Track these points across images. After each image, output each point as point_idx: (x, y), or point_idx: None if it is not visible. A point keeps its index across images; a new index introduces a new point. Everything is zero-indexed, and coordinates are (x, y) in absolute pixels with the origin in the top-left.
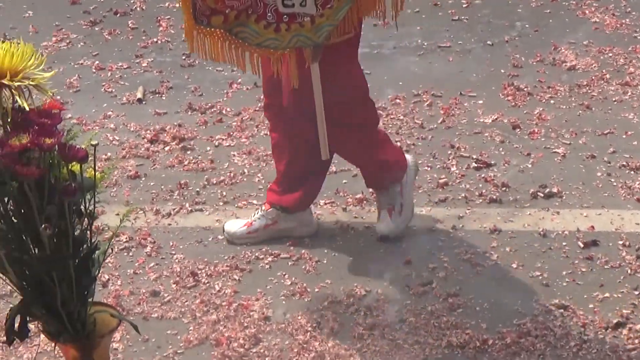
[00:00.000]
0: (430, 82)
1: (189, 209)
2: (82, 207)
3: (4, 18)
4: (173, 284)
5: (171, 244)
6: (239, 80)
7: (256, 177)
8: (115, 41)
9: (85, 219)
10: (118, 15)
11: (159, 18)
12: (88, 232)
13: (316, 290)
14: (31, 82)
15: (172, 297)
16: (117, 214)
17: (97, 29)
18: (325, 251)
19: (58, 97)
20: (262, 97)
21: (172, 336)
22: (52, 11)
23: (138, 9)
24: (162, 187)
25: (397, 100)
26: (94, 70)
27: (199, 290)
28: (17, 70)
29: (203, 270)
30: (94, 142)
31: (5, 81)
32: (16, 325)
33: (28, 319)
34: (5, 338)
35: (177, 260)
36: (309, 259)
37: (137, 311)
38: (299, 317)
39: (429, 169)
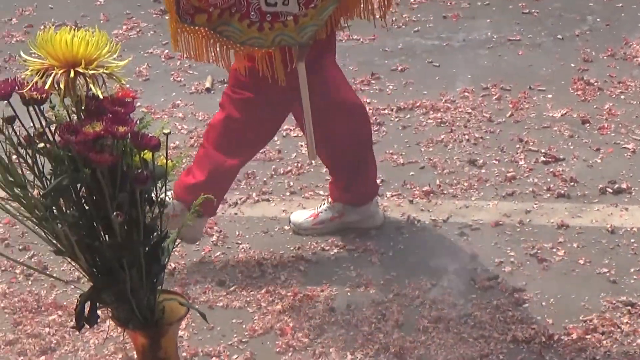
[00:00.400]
0: (500, 75)
1: (256, 198)
2: (153, 195)
3: (76, 6)
4: (239, 273)
5: (237, 233)
6: None
7: (323, 168)
8: None
9: (156, 207)
10: None
11: None
12: (158, 220)
13: (381, 282)
14: (105, 71)
15: (237, 286)
16: None
17: (167, 17)
18: (391, 243)
19: (128, 86)
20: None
21: (237, 325)
22: (122, 0)
23: None
24: None
25: (466, 94)
26: (163, 59)
27: (265, 280)
28: (92, 59)
29: (269, 261)
30: (166, 131)
31: (79, 69)
32: (86, 311)
33: (98, 305)
34: (75, 323)
35: (243, 250)
36: (375, 251)
37: (203, 300)
38: (364, 309)
39: (497, 162)
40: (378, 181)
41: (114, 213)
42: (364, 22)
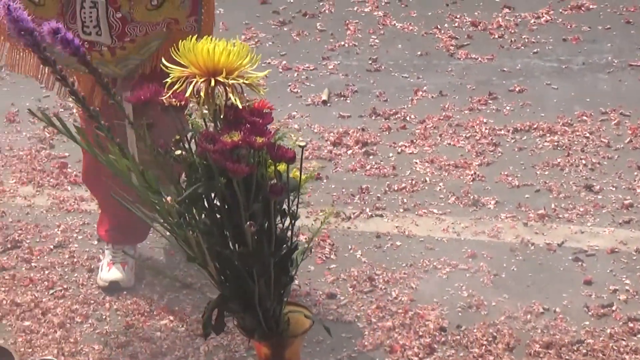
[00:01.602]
0: (619, 100)
1: (369, 213)
2: (285, 207)
3: None
4: (350, 287)
5: (350, 247)
6: (425, 87)
7: (437, 186)
8: (303, 42)
9: (287, 219)
10: (307, 16)
11: (347, 22)
12: (289, 232)
13: (493, 304)
14: (245, 81)
15: (348, 300)
16: (307, 216)
17: (285, 29)
18: (504, 265)
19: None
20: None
21: (347, 339)
22: (242, 10)
23: (327, 11)
24: (343, 190)
25: (584, 117)
26: (281, 70)
27: (376, 296)
28: (233, 68)
29: (380, 276)
30: (301, 144)
31: (220, 78)
32: (213, 318)
33: (225, 313)
34: (202, 330)
35: (355, 264)
36: (487, 272)
37: (313, 312)
38: (475, 330)
39: (613, 189)
40: (493, 202)
41: (247, 223)
42: (483, 41)
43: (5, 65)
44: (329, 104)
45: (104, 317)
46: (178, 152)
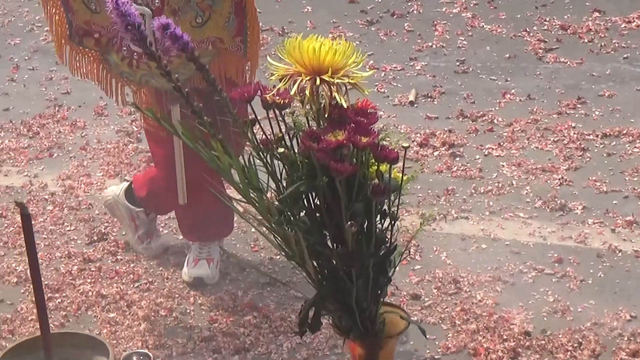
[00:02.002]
0: None
1: (455, 215)
2: (385, 207)
3: (284, 12)
4: (434, 289)
5: (435, 249)
6: (512, 90)
7: (524, 190)
8: (390, 42)
9: (387, 220)
10: (395, 16)
11: (435, 22)
12: (388, 232)
13: (579, 309)
14: (350, 81)
15: (432, 302)
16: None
17: (373, 28)
18: (591, 271)
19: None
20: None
21: (430, 341)
22: (330, 8)
23: (415, 11)
24: (429, 191)
25: None
26: (367, 70)
27: (460, 298)
28: (338, 68)
29: (465, 279)
30: (405, 144)
31: (325, 77)
32: (310, 317)
33: (321, 312)
34: (297, 328)
35: (439, 266)
36: (574, 278)
37: None
38: (560, 336)
39: None
40: (580, 207)
41: (348, 222)
42: (572, 45)
43: (70, 69)
44: (415, 105)
45: (188, 311)
46: (281, 149)
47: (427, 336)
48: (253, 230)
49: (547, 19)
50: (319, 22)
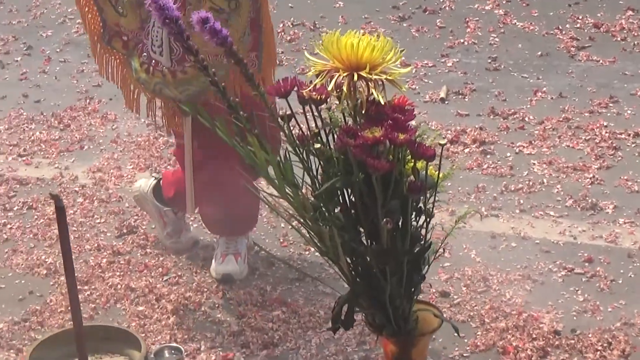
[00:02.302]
0: None
1: (485, 213)
2: (421, 204)
3: (316, 7)
4: (463, 286)
5: (464, 246)
6: (544, 88)
7: (555, 188)
8: (422, 39)
9: (423, 217)
10: (427, 12)
11: (467, 19)
12: (423, 230)
13: (609, 309)
14: (388, 77)
15: (461, 299)
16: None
17: (405, 25)
18: (621, 271)
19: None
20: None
21: (459, 339)
22: (362, 4)
23: (447, 8)
24: (459, 188)
25: None
26: (398, 66)
27: (489, 296)
28: (376, 64)
29: (495, 277)
30: (442, 142)
31: (363, 73)
32: (343, 314)
33: (355, 309)
34: (331, 325)
35: (469, 264)
36: (604, 277)
37: None
38: (590, 335)
39: None
40: (611, 206)
41: (384, 219)
42: (605, 43)
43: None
44: (446, 102)
45: (216, 305)
46: (318, 145)
47: (456, 334)
48: (282, 225)
49: (580, 17)
50: (351, 18)
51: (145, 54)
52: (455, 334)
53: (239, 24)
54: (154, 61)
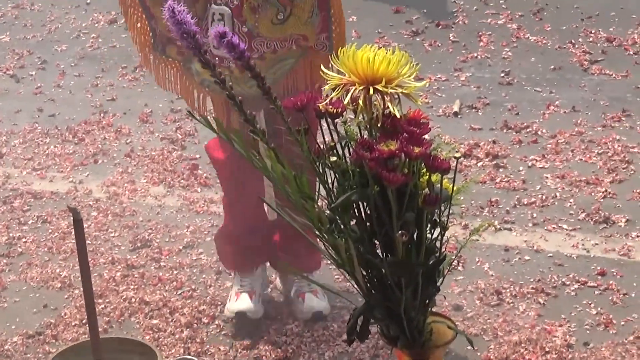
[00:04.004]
0: None
1: (498, 227)
2: (436, 217)
3: None
4: (477, 300)
5: (477, 260)
6: (557, 102)
7: (568, 202)
8: (435, 53)
9: (437, 229)
10: (440, 27)
11: (480, 33)
12: (438, 242)
13: (622, 323)
14: (404, 90)
15: (474, 313)
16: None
17: (418, 39)
18: (634, 284)
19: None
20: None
21: (472, 352)
22: (375, 18)
23: (460, 22)
24: (472, 202)
25: None
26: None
27: (503, 310)
28: (392, 78)
29: (508, 290)
30: (457, 155)
31: (379, 87)
32: (358, 326)
33: (370, 321)
34: (346, 337)
35: (482, 277)
36: (617, 291)
37: None
38: (602, 349)
39: None
40: (624, 220)
41: (399, 232)
42: (617, 57)
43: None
44: (460, 116)
45: (230, 319)
46: (333, 158)
47: (469, 347)
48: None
49: (593, 31)
50: (364, 32)
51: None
52: (468, 347)
53: (306, 3)
54: (217, 58)
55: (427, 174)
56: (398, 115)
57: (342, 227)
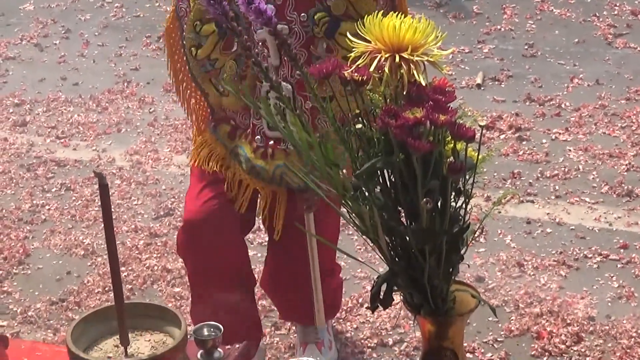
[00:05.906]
0: None
1: (521, 199)
2: (460, 185)
3: None
4: (498, 271)
5: (499, 231)
6: (581, 75)
7: (590, 175)
8: (458, 25)
9: (461, 198)
10: None
11: (504, 6)
12: (462, 210)
13: None
14: (430, 59)
15: (496, 284)
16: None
17: (441, 11)
18: None
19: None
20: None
21: (493, 323)
22: None
23: None
24: (495, 174)
25: None
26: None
27: (524, 281)
28: (418, 45)
29: (529, 262)
30: (482, 123)
31: (405, 55)
32: (381, 293)
33: (393, 288)
34: (369, 304)
35: (504, 249)
36: (639, 264)
37: None
38: (624, 321)
39: None
40: None
41: (424, 199)
42: None
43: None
44: (483, 88)
45: None
46: (359, 125)
47: (490, 318)
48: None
49: (617, 4)
50: None
51: (258, 136)
52: (490, 319)
53: None
54: (272, 141)
55: (452, 142)
56: (424, 83)
57: (366, 194)
